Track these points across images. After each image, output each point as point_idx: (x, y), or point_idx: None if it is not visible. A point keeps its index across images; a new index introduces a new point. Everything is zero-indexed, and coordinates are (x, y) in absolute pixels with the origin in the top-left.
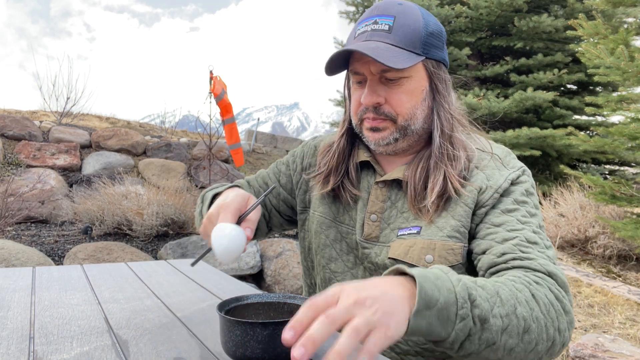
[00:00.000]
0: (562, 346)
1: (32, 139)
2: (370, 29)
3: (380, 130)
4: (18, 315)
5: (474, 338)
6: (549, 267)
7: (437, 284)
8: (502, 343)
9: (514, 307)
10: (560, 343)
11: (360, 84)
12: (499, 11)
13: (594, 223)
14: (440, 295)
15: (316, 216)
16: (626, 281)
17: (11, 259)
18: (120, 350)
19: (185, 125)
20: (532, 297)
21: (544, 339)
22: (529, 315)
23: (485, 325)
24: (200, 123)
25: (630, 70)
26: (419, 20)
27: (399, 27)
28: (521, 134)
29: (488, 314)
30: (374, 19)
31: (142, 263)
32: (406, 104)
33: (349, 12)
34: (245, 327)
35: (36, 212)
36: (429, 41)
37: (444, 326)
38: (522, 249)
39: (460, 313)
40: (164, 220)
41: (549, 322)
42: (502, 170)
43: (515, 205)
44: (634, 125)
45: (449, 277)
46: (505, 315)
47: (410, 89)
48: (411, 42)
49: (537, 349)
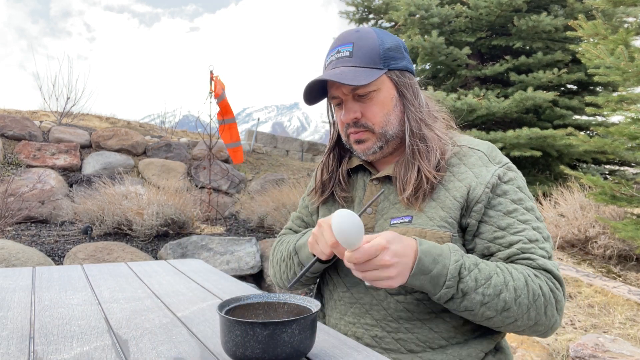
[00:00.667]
0: (550, 327)
1: (32, 139)
2: (335, 58)
3: (364, 141)
4: (18, 315)
5: (456, 301)
6: (546, 265)
7: (437, 259)
8: (480, 312)
9: (499, 291)
10: (548, 325)
11: (339, 105)
12: (499, 11)
13: (594, 223)
14: (435, 268)
15: None
16: (626, 281)
17: (11, 259)
18: (120, 350)
19: (185, 125)
20: (525, 286)
21: (525, 319)
22: (512, 299)
23: (466, 296)
24: (200, 123)
25: (630, 70)
26: (374, 40)
27: (357, 50)
28: (521, 134)
29: (471, 290)
30: (337, 49)
31: (142, 263)
32: (379, 113)
33: (349, 12)
34: (245, 327)
35: (36, 212)
36: (388, 55)
37: (433, 288)
38: (524, 250)
39: (447, 283)
40: (164, 220)
41: (533, 307)
42: (489, 167)
43: (514, 205)
44: (634, 126)
45: (450, 257)
46: (487, 295)
47: (381, 100)
48: (371, 60)
49: (516, 324)
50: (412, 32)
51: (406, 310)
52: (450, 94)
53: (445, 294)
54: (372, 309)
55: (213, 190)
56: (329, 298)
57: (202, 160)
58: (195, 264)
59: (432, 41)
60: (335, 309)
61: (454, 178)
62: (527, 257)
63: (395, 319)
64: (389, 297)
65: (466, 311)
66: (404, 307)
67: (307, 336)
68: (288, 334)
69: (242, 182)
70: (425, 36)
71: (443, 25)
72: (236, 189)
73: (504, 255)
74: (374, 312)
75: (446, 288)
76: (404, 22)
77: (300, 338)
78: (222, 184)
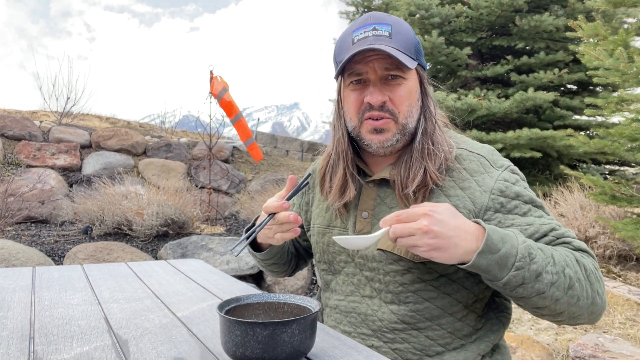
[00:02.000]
0: (602, 308)
1: (32, 139)
2: (372, 35)
3: (384, 131)
4: (18, 315)
5: (527, 286)
6: (583, 246)
7: (504, 238)
8: (550, 294)
9: (563, 267)
10: (601, 304)
11: (359, 84)
12: (500, 11)
13: (594, 223)
14: (504, 247)
15: (315, 228)
16: (626, 281)
17: (11, 259)
18: (120, 350)
19: (185, 125)
20: (577, 263)
21: (585, 297)
22: (574, 275)
23: (539, 277)
24: (200, 123)
25: (629, 71)
26: (409, 30)
27: (396, 34)
28: (522, 135)
29: (542, 269)
30: (373, 26)
31: (142, 263)
32: (405, 102)
33: (349, 12)
34: (245, 327)
35: (36, 212)
36: (418, 48)
37: (501, 270)
38: (558, 235)
39: (517, 264)
40: (164, 220)
41: (589, 284)
42: (491, 172)
43: (528, 206)
44: (634, 126)
45: (516, 237)
46: (555, 273)
47: (408, 89)
48: (407, 48)
49: (579, 304)
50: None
51: (401, 322)
52: (451, 94)
53: (515, 276)
54: (367, 319)
55: (213, 190)
56: (325, 305)
57: (202, 160)
58: (195, 264)
59: (432, 41)
60: (331, 317)
61: (454, 184)
62: (563, 240)
63: (391, 330)
64: (384, 306)
65: (537, 295)
66: (398, 319)
67: (307, 336)
68: (288, 334)
69: (242, 182)
70: (426, 36)
71: (443, 25)
72: (236, 189)
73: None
74: (370, 322)
75: (515, 270)
76: None
77: (300, 338)
78: (222, 184)
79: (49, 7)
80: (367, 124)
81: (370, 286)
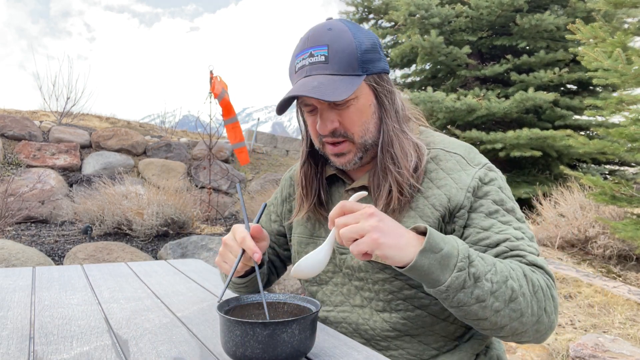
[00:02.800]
0: (549, 328)
1: (32, 139)
2: (308, 63)
3: (345, 154)
4: (18, 315)
5: (467, 291)
6: (537, 261)
7: (445, 239)
8: (490, 303)
9: (505, 278)
10: (548, 324)
11: (313, 111)
12: (500, 10)
13: (594, 223)
14: (445, 246)
15: (296, 237)
16: (626, 281)
17: (11, 259)
18: (120, 350)
19: (185, 125)
20: (524, 276)
21: (529, 313)
22: (518, 289)
23: (478, 283)
24: (200, 123)
25: (628, 72)
26: (351, 42)
27: (334, 55)
28: (521, 135)
29: (482, 275)
30: (309, 52)
31: (142, 263)
32: (357, 122)
33: (349, 12)
34: (245, 327)
35: (36, 212)
36: (365, 58)
37: (443, 271)
38: (513, 247)
39: (458, 265)
40: (164, 220)
41: (535, 301)
42: (468, 170)
43: (495, 206)
44: (634, 127)
45: (455, 240)
46: (496, 282)
47: (359, 108)
48: (349, 66)
49: (522, 320)
50: (412, 32)
51: (393, 329)
52: (450, 94)
53: (457, 278)
54: (359, 328)
55: (213, 190)
56: None
57: (202, 160)
58: (195, 264)
59: (431, 41)
60: None
61: (432, 185)
62: (517, 253)
63: (384, 338)
64: (376, 314)
65: (477, 303)
66: (390, 326)
67: (307, 336)
68: (288, 334)
69: (242, 182)
70: (425, 36)
71: (443, 25)
72: (236, 189)
73: (492, 254)
74: (362, 331)
75: (457, 271)
76: (404, 22)
77: (300, 338)
78: (222, 184)
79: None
80: (327, 148)
81: (360, 295)
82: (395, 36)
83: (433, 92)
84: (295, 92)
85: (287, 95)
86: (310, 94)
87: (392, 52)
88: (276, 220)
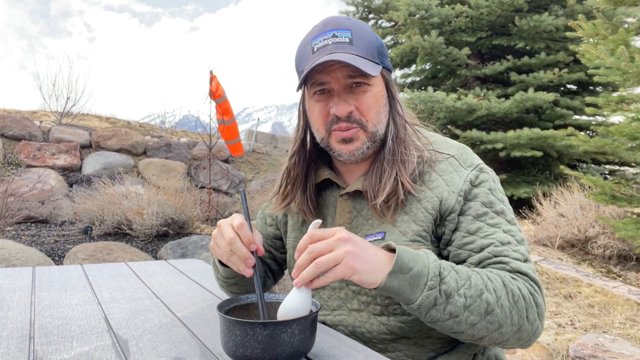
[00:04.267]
0: (533, 334)
1: (32, 139)
2: (332, 42)
3: (353, 140)
4: (18, 315)
5: (439, 308)
6: (521, 267)
7: (415, 258)
8: (465, 318)
9: (480, 291)
10: (531, 331)
11: (323, 94)
12: (500, 11)
13: (594, 223)
14: (415, 266)
15: (290, 242)
16: (626, 281)
17: (11, 259)
18: (120, 350)
19: (185, 125)
20: (503, 287)
21: (508, 324)
22: (494, 301)
23: (450, 299)
24: (200, 123)
25: (630, 70)
26: (371, 33)
27: (357, 39)
28: (522, 135)
29: (453, 291)
30: (332, 33)
31: (142, 263)
32: (373, 109)
33: (349, 12)
34: (245, 327)
35: (36, 212)
36: (382, 51)
37: (413, 291)
38: (496, 253)
39: (429, 284)
40: (164, 220)
41: (515, 310)
42: (460, 171)
43: (484, 209)
44: (635, 125)
45: (427, 257)
46: (470, 296)
47: (374, 95)
48: (370, 52)
49: (501, 331)
50: (412, 32)
51: (390, 332)
52: (450, 94)
53: (427, 297)
54: (356, 331)
55: (213, 190)
56: None
57: (202, 160)
58: (195, 264)
59: (431, 41)
60: None
61: (425, 187)
62: (499, 260)
63: (381, 341)
64: (373, 317)
65: (451, 319)
66: (387, 329)
67: (307, 336)
68: (288, 334)
69: (242, 182)
70: (425, 36)
71: (443, 25)
72: (236, 189)
73: (475, 260)
74: (359, 334)
75: (428, 290)
76: (404, 22)
77: (300, 338)
78: (222, 184)
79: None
80: (335, 135)
81: (357, 300)
82: (395, 36)
83: (433, 92)
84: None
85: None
86: (349, 60)
87: (392, 52)
88: (272, 223)
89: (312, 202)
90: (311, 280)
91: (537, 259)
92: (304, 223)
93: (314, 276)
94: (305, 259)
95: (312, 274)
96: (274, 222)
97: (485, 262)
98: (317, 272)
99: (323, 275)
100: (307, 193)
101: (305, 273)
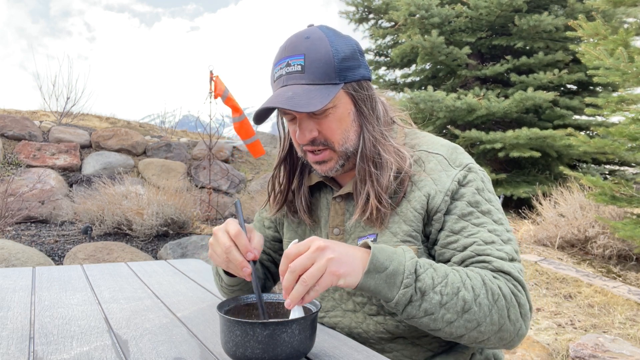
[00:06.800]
0: (516, 335)
1: (32, 139)
2: (285, 73)
3: (325, 162)
4: (18, 315)
5: (415, 305)
6: (504, 267)
7: (391, 256)
8: (440, 315)
9: (457, 289)
10: (514, 331)
11: (293, 120)
12: (499, 11)
13: (594, 223)
14: (391, 265)
15: (285, 243)
16: (626, 281)
17: (11, 259)
18: (120, 350)
19: (185, 125)
20: (483, 285)
21: (488, 323)
22: (471, 299)
23: (425, 296)
24: (200, 123)
25: (629, 71)
26: (328, 51)
27: (310, 64)
28: (521, 135)
29: (429, 288)
30: (287, 61)
31: (142, 263)
32: (337, 130)
33: (349, 12)
34: (245, 327)
35: (36, 212)
36: (343, 66)
37: (390, 289)
38: (479, 252)
39: (405, 282)
40: (164, 220)
41: (496, 309)
42: (449, 171)
43: (469, 208)
44: (634, 126)
45: (404, 254)
46: (446, 294)
47: (338, 116)
48: (326, 75)
49: (480, 329)
50: (412, 32)
51: (387, 332)
52: (450, 94)
53: (404, 294)
54: (352, 332)
55: (213, 190)
56: None
57: (202, 160)
58: (195, 264)
59: (432, 41)
60: None
61: (415, 187)
62: (482, 259)
63: (377, 341)
64: (369, 318)
65: (426, 316)
66: (384, 329)
67: (307, 336)
68: (288, 334)
69: (242, 182)
70: (425, 36)
71: (443, 25)
72: (236, 189)
73: (458, 259)
74: (355, 335)
75: (404, 288)
76: (404, 22)
77: (300, 338)
78: (222, 184)
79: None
80: (309, 156)
81: (352, 301)
82: (395, 36)
83: (433, 91)
84: (270, 104)
85: (262, 107)
86: (283, 105)
87: (392, 52)
88: (270, 226)
89: (306, 204)
90: (302, 297)
91: (537, 259)
92: (299, 224)
93: (304, 294)
94: (290, 279)
95: (301, 292)
96: (272, 224)
97: (468, 261)
98: (306, 289)
99: (312, 289)
100: (301, 195)
101: (294, 293)
